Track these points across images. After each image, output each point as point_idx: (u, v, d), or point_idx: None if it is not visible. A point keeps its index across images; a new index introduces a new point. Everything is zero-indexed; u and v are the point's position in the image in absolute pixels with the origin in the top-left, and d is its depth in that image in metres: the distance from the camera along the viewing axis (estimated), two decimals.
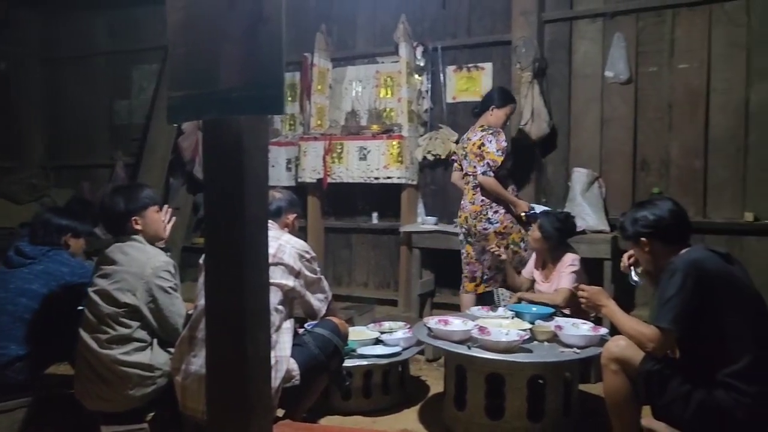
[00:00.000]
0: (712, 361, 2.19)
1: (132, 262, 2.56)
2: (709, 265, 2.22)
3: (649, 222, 2.37)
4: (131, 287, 2.51)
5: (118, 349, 2.49)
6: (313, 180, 5.11)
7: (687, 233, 2.40)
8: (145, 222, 2.68)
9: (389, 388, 3.25)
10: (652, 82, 4.28)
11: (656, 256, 2.38)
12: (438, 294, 4.94)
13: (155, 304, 2.53)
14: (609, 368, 2.35)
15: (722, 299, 2.19)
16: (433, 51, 4.91)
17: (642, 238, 2.39)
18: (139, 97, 6.33)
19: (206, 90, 1.59)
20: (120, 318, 2.50)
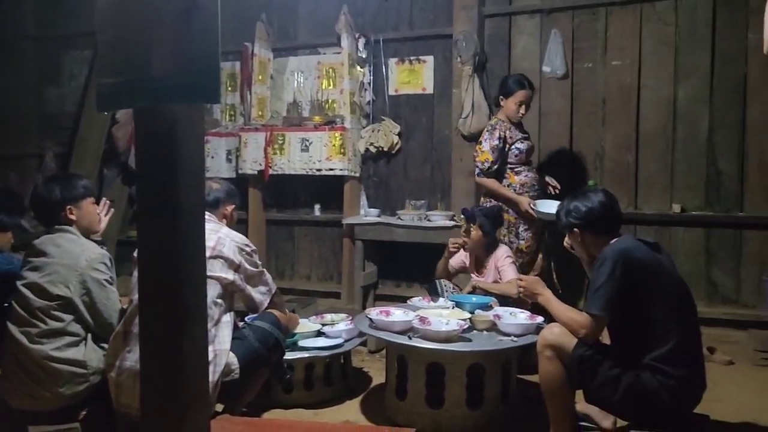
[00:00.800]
0: (639, 346, 2.28)
1: (65, 254, 2.46)
2: (637, 254, 2.32)
3: (580, 213, 2.47)
4: (64, 279, 2.42)
5: (49, 344, 2.39)
6: (254, 171, 5.04)
7: (617, 224, 2.51)
8: (81, 213, 2.58)
9: (331, 380, 3.25)
10: (587, 77, 4.41)
11: (588, 245, 2.50)
12: (381, 286, 4.97)
13: (89, 297, 2.44)
14: (544, 354, 2.43)
15: (649, 287, 2.29)
16: (375, 43, 4.91)
17: (574, 228, 2.50)
18: (70, 84, 6.06)
19: (137, 77, 1.54)
20: (52, 311, 2.40)
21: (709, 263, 4.14)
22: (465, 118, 4.47)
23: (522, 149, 3.88)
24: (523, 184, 3.87)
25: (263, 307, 2.62)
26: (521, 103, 3.88)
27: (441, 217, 4.40)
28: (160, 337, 1.61)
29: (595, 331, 2.31)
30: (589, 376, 2.32)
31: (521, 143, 3.89)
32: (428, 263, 4.64)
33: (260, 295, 2.60)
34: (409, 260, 4.81)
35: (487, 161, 3.82)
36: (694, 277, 4.14)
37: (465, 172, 4.60)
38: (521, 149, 3.88)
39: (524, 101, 3.89)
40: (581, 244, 2.53)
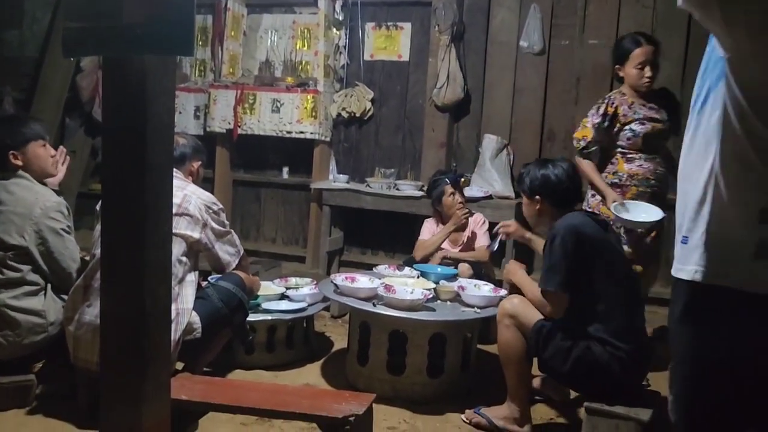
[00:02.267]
0: (589, 319, 2.36)
1: (18, 201, 2.39)
2: (586, 230, 2.39)
3: (548, 181, 2.53)
4: (18, 229, 2.36)
5: (6, 293, 2.35)
6: (222, 130, 4.94)
7: (576, 197, 2.61)
8: (27, 158, 2.50)
9: (293, 344, 3.26)
10: (564, 55, 4.41)
11: (542, 214, 2.58)
12: (346, 252, 4.97)
13: (45, 246, 2.39)
14: (503, 323, 2.51)
15: (598, 263, 2.38)
16: (353, 6, 4.81)
17: (536, 195, 2.56)
18: (32, 27, 5.79)
19: (107, 23, 1.48)
20: (8, 261, 2.36)
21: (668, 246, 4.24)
22: (440, 89, 4.45)
23: (638, 132, 3.17)
24: (632, 175, 3.20)
25: (230, 267, 2.60)
26: (642, 64, 3.17)
27: (410, 187, 4.40)
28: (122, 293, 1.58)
29: (556, 308, 2.38)
30: (543, 346, 2.40)
31: (639, 125, 3.18)
32: (395, 232, 4.68)
33: (227, 256, 2.58)
34: (375, 228, 4.81)
35: (584, 139, 3.26)
36: None
37: (436, 143, 4.60)
38: (636, 132, 3.18)
39: (645, 61, 3.17)
40: (537, 211, 2.59)
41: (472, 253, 3.58)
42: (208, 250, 2.51)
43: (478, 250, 3.59)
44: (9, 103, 5.58)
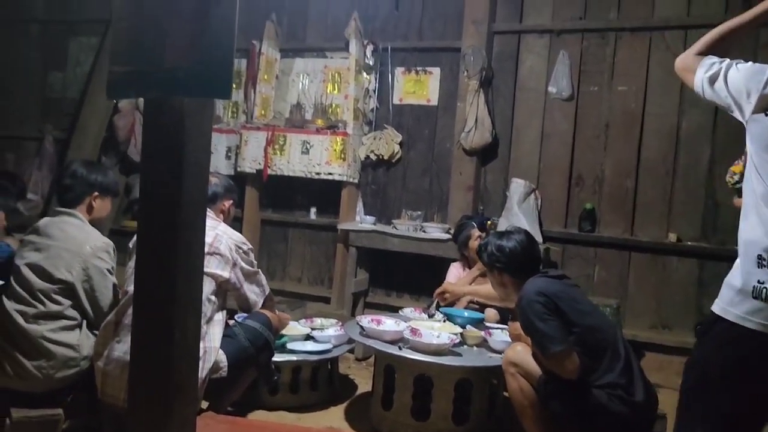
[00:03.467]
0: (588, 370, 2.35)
1: (69, 239, 2.47)
2: (550, 289, 2.42)
3: (503, 254, 2.60)
4: (67, 264, 2.42)
5: (46, 326, 2.40)
6: (252, 170, 5.02)
7: (536, 266, 2.64)
8: (101, 205, 2.64)
9: (317, 385, 3.23)
10: (592, 101, 4.43)
11: (506, 285, 2.65)
12: (371, 294, 4.95)
13: (89, 284, 2.45)
14: (509, 371, 2.51)
15: (574, 316, 2.38)
16: (383, 51, 4.92)
17: (495, 269, 2.64)
18: (75, 70, 6.04)
19: (150, 67, 1.54)
20: (53, 294, 2.42)
21: (701, 294, 4.15)
22: (468, 132, 4.48)
23: None
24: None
25: (257, 307, 2.62)
26: None
27: (437, 230, 4.39)
28: (152, 327, 1.60)
29: (567, 366, 2.33)
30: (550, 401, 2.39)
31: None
32: (421, 274, 4.66)
33: (254, 296, 2.60)
34: (401, 270, 4.80)
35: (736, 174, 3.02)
36: (685, 307, 4.16)
37: (464, 186, 4.61)
38: None
39: None
40: (500, 284, 2.67)
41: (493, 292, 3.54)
42: (236, 289, 2.53)
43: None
44: (50, 141, 5.79)
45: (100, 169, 2.73)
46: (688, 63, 1.90)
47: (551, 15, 4.53)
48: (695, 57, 1.88)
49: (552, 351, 2.31)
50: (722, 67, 1.78)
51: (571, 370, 2.32)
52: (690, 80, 1.87)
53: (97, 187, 2.60)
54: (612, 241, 4.33)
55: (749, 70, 1.72)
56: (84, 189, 2.59)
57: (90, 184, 2.59)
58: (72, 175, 2.62)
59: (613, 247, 4.35)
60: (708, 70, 1.80)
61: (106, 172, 2.73)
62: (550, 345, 2.31)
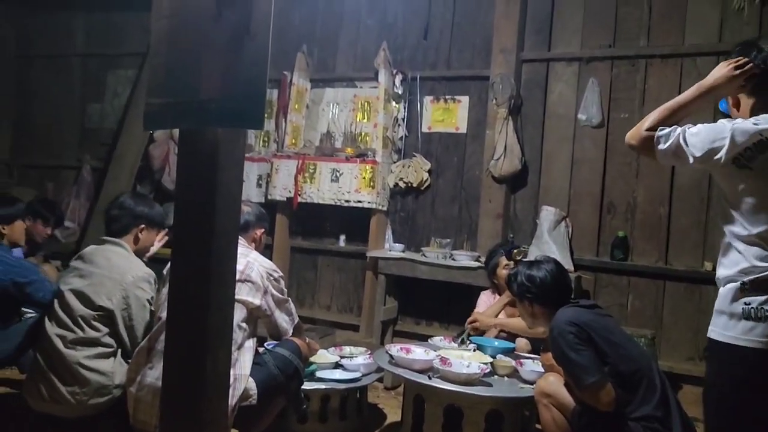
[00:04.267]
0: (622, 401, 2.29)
1: (113, 267, 2.53)
2: (582, 318, 2.37)
3: (533, 284, 2.56)
4: (108, 292, 2.48)
5: (82, 352, 2.44)
6: (283, 198, 5.08)
7: (566, 295, 2.59)
8: (147, 236, 2.71)
9: (346, 414, 3.21)
10: (623, 128, 4.33)
11: (536, 316, 2.61)
12: (400, 322, 4.93)
13: (128, 312, 2.50)
14: (541, 403, 2.48)
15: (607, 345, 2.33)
16: (412, 80, 4.97)
17: (525, 300, 2.60)
18: (113, 101, 6.24)
19: (185, 99, 1.58)
20: (92, 321, 2.47)
21: None
22: (497, 160, 4.48)
23: None
24: None
25: (287, 335, 2.63)
26: None
27: (466, 257, 4.37)
28: (184, 355, 1.61)
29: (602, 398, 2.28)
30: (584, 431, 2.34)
31: None
32: (450, 302, 4.63)
33: (285, 323, 2.61)
34: (430, 298, 4.77)
35: None
36: None
37: (493, 214, 4.59)
38: None
39: None
40: (530, 315, 2.62)
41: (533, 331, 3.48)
42: (267, 316, 2.54)
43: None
44: (87, 170, 5.95)
45: (148, 201, 2.79)
46: (641, 140, 1.98)
47: (580, 43, 4.53)
48: (647, 133, 1.96)
49: (586, 382, 2.26)
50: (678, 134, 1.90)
51: (606, 402, 2.27)
52: (650, 156, 1.98)
53: (143, 219, 2.67)
54: (646, 270, 4.25)
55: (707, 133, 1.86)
56: (130, 221, 2.66)
57: (137, 216, 2.66)
58: (120, 206, 2.69)
59: (647, 276, 4.27)
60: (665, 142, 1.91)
61: (153, 204, 2.80)
62: (583, 376, 2.27)
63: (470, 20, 4.89)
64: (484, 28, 4.79)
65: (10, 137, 6.66)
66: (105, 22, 6.32)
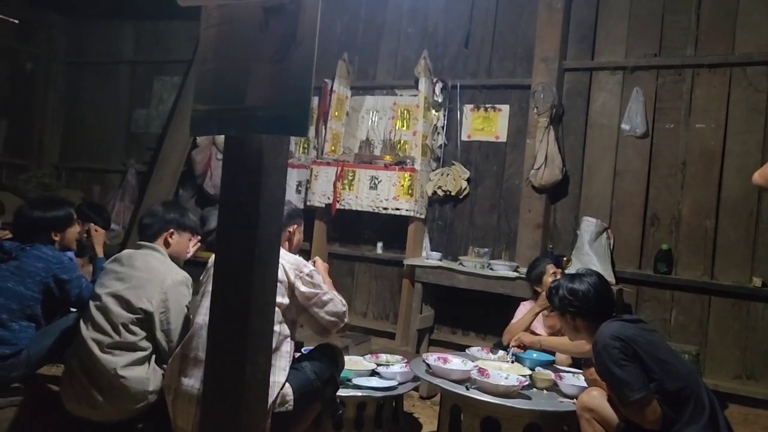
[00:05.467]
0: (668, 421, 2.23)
1: (152, 271, 2.56)
2: (626, 333, 2.31)
3: (576, 298, 2.50)
4: (148, 295, 2.50)
5: (119, 358, 2.44)
6: (321, 204, 5.11)
7: (609, 309, 2.53)
8: (179, 240, 2.74)
9: (381, 422, 3.19)
10: (668, 138, 4.30)
11: (579, 329, 2.55)
12: (437, 330, 4.90)
13: (166, 316, 2.52)
14: (584, 417, 2.43)
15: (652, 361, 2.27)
16: (452, 88, 4.96)
17: (567, 314, 2.54)
18: (158, 107, 6.40)
19: (231, 106, 1.60)
20: (130, 324, 2.48)
21: None
22: (537, 170, 4.43)
23: None
24: None
25: (335, 329, 2.54)
26: None
27: (504, 267, 4.32)
28: (224, 359, 1.63)
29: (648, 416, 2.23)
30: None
31: None
32: (487, 312, 4.58)
33: (327, 317, 2.50)
34: (467, 308, 4.73)
35: None
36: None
37: (533, 224, 4.53)
38: None
39: None
40: (572, 329, 2.57)
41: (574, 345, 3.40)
42: (304, 312, 2.47)
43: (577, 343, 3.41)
44: (132, 174, 6.10)
45: (178, 208, 2.83)
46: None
47: (624, 52, 4.46)
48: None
49: (631, 398, 2.21)
50: None
51: (652, 420, 2.21)
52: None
53: (173, 224, 2.71)
54: (690, 284, 4.14)
55: None
56: (161, 226, 2.70)
57: (167, 222, 2.71)
58: (151, 214, 2.76)
59: (692, 291, 4.16)
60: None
61: (184, 211, 2.83)
62: (628, 392, 2.21)
63: (512, 29, 4.86)
64: (525, 36, 4.76)
65: (60, 141, 6.88)
66: (152, 30, 6.49)
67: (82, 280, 2.89)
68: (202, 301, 2.44)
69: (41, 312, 2.84)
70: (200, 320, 2.38)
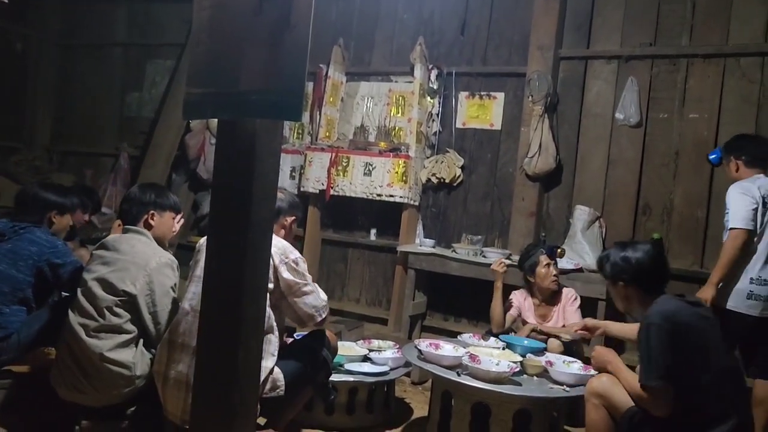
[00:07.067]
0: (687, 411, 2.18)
1: (137, 253, 2.55)
2: (682, 318, 2.24)
3: (630, 266, 2.40)
4: (132, 277, 2.49)
5: (105, 341, 2.44)
6: (315, 191, 5.11)
7: (664, 281, 2.45)
8: (161, 221, 2.70)
9: (373, 407, 3.22)
10: (662, 128, 4.30)
11: (630, 300, 2.43)
12: (429, 317, 4.92)
13: (151, 298, 2.51)
14: (591, 402, 2.39)
15: (695, 352, 2.20)
16: (448, 75, 4.94)
17: (620, 281, 2.43)
18: (151, 91, 6.34)
19: (225, 90, 1.60)
20: (114, 307, 2.46)
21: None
22: (531, 158, 4.43)
23: None
24: None
25: (312, 321, 2.54)
26: None
27: (497, 255, 4.33)
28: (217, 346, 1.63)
29: (659, 402, 2.19)
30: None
31: None
32: (479, 300, 4.59)
33: (307, 309, 2.50)
34: (460, 295, 4.75)
35: None
36: None
37: (526, 212, 4.54)
38: None
39: None
40: (623, 298, 2.45)
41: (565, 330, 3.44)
42: (284, 299, 2.47)
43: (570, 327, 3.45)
44: (125, 158, 6.07)
45: (154, 188, 2.78)
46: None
47: (620, 41, 4.45)
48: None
49: (648, 381, 2.17)
50: None
51: (653, 407, 2.19)
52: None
53: (152, 206, 2.68)
54: (681, 273, 4.14)
55: None
56: (140, 209, 2.67)
57: (144, 204, 2.67)
58: (127, 199, 2.73)
59: (682, 279, 4.15)
60: None
61: (159, 190, 2.78)
62: (650, 374, 2.16)
63: (508, 16, 4.84)
64: (521, 24, 4.73)
65: (51, 124, 6.83)
66: (145, 13, 6.42)
67: (77, 264, 2.89)
68: (190, 287, 2.45)
69: (32, 296, 2.83)
70: (187, 306, 2.38)
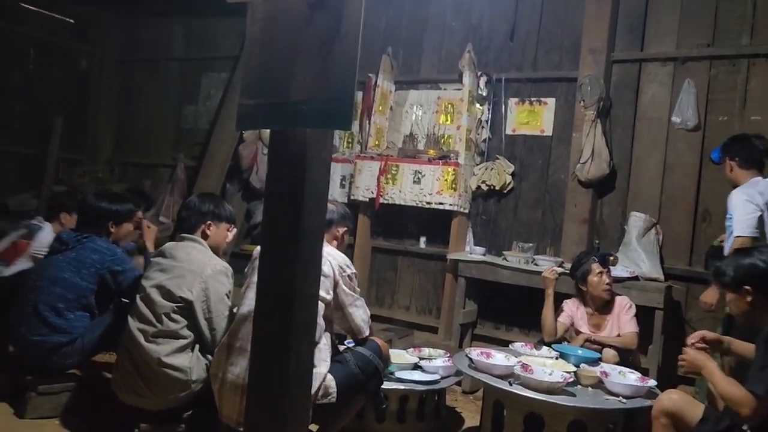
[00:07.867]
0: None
1: (193, 261, 2.63)
2: None
3: (757, 271, 2.25)
4: (188, 284, 2.57)
5: (163, 346, 2.52)
6: (365, 199, 5.14)
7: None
8: (216, 231, 2.79)
9: (424, 416, 3.20)
10: (721, 131, 4.14)
11: (755, 307, 2.27)
12: (479, 325, 4.87)
13: (207, 304, 2.58)
14: (659, 421, 2.31)
15: None
16: (497, 82, 4.90)
17: (746, 286, 2.27)
18: (206, 103, 6.53)
19: (277, 100, 1.63)
20: (172, 313, 2.55)
21: None
22: (583, 164, 4.34)
23: None
24: None
25: (363, 333, 2.62)
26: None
27: (549, 262, 4.25)
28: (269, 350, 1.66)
29: (758, 412, 2.07)
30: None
31: None
32: (531, 308, 4.52)
33: (360, 321, 2.60)
34: (511, 303, 4.69)
35: None
36: None
37: (578, 219, 4.46)
38: None
39: None
40: (748, 305, 2.28)
41: (620, 339, 3.35)
42: (339, 310, 2.53)
43: (625, 336, 3.36)
44: (181, 168, 6.25)
45: (212, 199, 2.88)
46: None
47: (675, 42, 4.33)
48: None
49: (757, 390, 2.05)
50: None
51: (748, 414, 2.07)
52: None
53: (209, 216, 2.77)
54: None
55: None
56: (198, 218, 2.76)
57: (203, 214, 2.77)
58: (186, 207, 2.83)
59: None
60: None
61: (219, 201, 2.88)
62: (760, 384, 2.05)
63: (558, 21, 4.78)
64: (572, 28, 4.67)
65: (113, 137, 7.11)
66: (200, 28, 6.63)
67: (135, 272, 2.99)
68: (247, 292, 2.50)
69: (95, 302, 2.95)
70: (244, 310, 2.43)
